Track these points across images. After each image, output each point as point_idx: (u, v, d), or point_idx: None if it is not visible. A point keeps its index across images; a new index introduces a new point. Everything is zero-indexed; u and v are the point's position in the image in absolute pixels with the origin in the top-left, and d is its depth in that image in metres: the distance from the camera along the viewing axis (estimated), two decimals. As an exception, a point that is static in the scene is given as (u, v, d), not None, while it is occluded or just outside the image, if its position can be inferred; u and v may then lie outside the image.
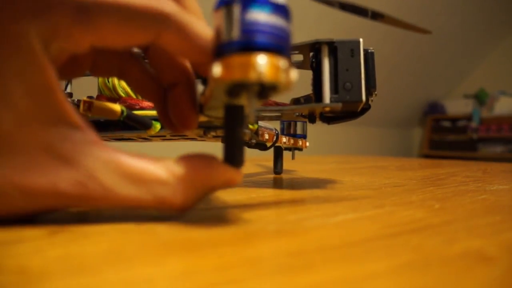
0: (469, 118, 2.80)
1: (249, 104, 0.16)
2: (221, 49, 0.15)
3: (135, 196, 0.16)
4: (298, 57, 0.28)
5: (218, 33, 0.16)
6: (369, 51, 0.26)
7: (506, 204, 0.24)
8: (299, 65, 0.29)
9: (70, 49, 0.16)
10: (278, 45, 0.15)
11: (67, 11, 0.15)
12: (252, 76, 0.14)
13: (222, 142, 0.19)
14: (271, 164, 0.42)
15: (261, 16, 0.15)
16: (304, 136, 0.39)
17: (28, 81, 0.15)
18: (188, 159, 0.17)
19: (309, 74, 0.28)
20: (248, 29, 0.15)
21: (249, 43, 0.15)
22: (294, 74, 0.16)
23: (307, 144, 0.39)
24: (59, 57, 0.16)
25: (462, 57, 2.88)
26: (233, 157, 0.18)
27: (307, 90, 0.28)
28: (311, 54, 0.27)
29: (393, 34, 2.30)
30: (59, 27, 0.15)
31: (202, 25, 0.17)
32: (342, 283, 0.11)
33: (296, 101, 0.29)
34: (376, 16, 0.20)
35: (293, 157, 0.42)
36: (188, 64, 0.20)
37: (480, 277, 0.11)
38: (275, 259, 0.13)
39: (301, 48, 0.27)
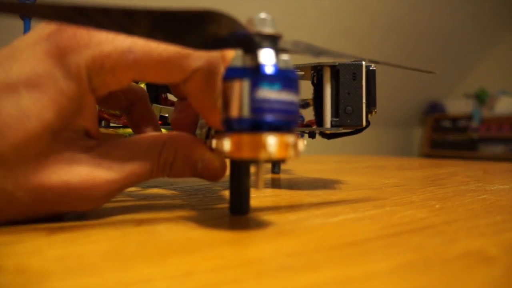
0: (469, 117, 2.80)
1: (257, 172, 0.16)
2: (231, 124, 0.15)
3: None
4: (299, 72, 0.28)
5: (227, 105, 0.16)
6: (370, 68, 0.26)
7: (507, 204, 0.24)
8: (301, 78, 0.29)
9: (112, 85, 0.17)
10: (287, 122, 0.15)
11: (116, 49, 0.16)
12: (262, 156, 0.15)
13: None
14: (268, 164, 0.42)
15: (270, 94, 0.15)
16: (301, 135, 0.39)
17: (65, 100, 0.16)
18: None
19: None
20: (258, 107, 0.15)
21: (258, 121, 0.15)
22: (301, 145, 0.16)
23: (304, 142, 0.39)
24: (99, 90, 0.17)
25: (462, 56, 2.87)
26: (239, 206, 0.18)
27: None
28: (312, 71, 0.27)
29: (394, 33, 2.29)
30: (105, 61, 0.16)
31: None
32: (343, 283, 0.11)
33: None
34: (372, 62, 0.20)
35: None
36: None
37: (480, 277, 0.11)
38: (275, 259, 0.13)
39: (303, 68, 0.27)
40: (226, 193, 0.26)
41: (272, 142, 0.14)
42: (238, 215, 0.19)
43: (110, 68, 0.16)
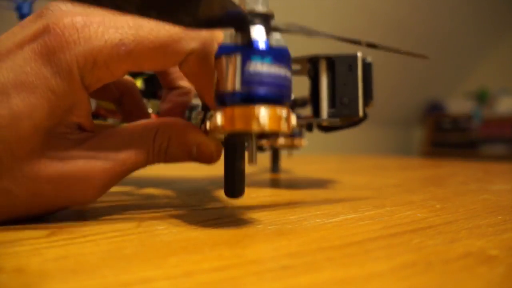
0: (470, 117, 2.80)
1: (250, 145, 0.16)
2: (223, 98, 0.15)
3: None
4: (295, 66, 0.28)
5: (219, 81, 0.16)
6: (367, 61, 0.26)
7: (508, 204, 0.24)
8: (297, 72, 0.29)
9: (106, 78, 0.17)
10: (279, 95, 0.15)
11: (106, 43, 0.15)
12: (254, 128, 0.15)
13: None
14: (267, 164, 0.42)
15: (262, 67, 0.15)
16: (299, 134, 0.39)
17: (56, 99, 0.15)
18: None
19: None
20: (250, 80, 0.15)
21: (250, 94, 0.15)
22: (294, 120, 0.16)
23: (304, 142, 0.39)
24: (93, 86, 0.16)
25: (462, 55, 2.87)
26: (234, 188, 0.18)
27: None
28: (308, 64, 0.27)
29: (394, 33, 2.29)
30: (97, 57, 0.16)
31: None
32: (343, 283, 0.11)
33: (292, 103, 0.29)
34: (370, 46, 0.20)
35: (290, 155, 0.43)
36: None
37: (481, 277, 0.11)
38: (275, 260, 0.13)
39: (299, 60, 0.27)
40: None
41: (264, 113, 0.15)
42: (232, 197, 0.19)
43: (103, 63, 0.16)
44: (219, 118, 0.15)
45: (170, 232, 0.16)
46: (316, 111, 0.27)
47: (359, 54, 0.26)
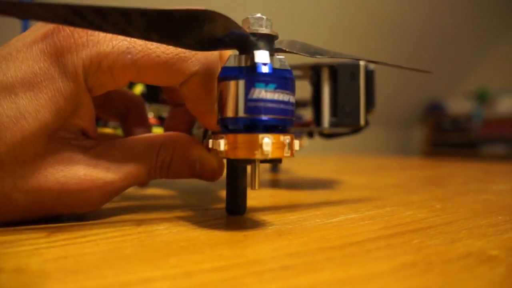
0: (470, 117, 2.79)
1: (252, 171, 0.16)
2: (226, 123, 0.15)
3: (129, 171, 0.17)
4: (298, 72, 0.28)
5: (222, 106, 0.16)
6: (369, 69, 0.26)
7: (508, 204, 0.23)
8: (299, 77, 0.29)
9: (109, 85, 0.16)
10: (283, 121, 0.15)
11: (113, 49, 0.16)
12: (258, 156, 0.15)
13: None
14: (267, 164, 0.42)
15: (266, 94, 0.15)
16: (298, 134, 0.38)
17: (62, 100, 0.15)
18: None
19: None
20: (253, 107, 0.15)
21: (254, 122, 0.15)
22: (297, 145, 0.16)
23: (304, 143, 0.39)
24: (95, 90, 0.16)
25: (463, 55, 2.87)
26: (236, 206, 0.18)
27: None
28: (311, 71, 0.27)
29: (394, 32, 2.29)
30: (102, 61, 0.16)
31: None
32: (343, 283, 0.11)
33: None
34: (370, 62, 0.20)
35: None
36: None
37: (482, 277, 0.11)
38: (275, 260, 0.13)
39: (302, 67, 0.27)
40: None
41: (267, 142, 0.14)
42: (234, 215, 0.19)
43: (108, 68, 0.16)
44: (222, 144, 0.15)
45: (170, 232, 0.16)
46: (318, 120, 0.27)
47: (361, 63, 0.26)
